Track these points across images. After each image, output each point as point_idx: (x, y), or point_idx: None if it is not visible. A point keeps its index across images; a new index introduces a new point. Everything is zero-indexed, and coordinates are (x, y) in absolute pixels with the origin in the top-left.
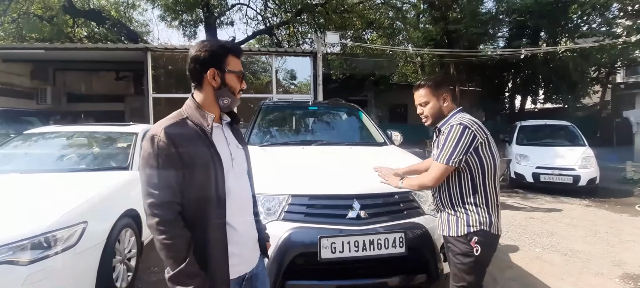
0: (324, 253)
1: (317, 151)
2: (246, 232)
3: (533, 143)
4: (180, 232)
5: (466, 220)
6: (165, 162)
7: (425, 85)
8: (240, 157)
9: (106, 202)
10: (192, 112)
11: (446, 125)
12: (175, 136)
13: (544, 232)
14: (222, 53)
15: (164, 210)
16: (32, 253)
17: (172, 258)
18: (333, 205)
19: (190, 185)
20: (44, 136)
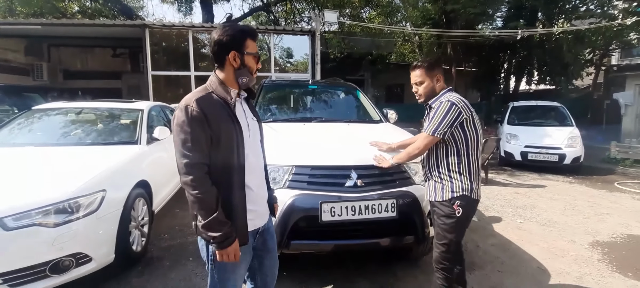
0: (325, 216)
1: (317, 127)
2: (260, 193)
3: (523, 123)
4: (210, 188)
5: (450, 187)
6: (197, 127)
7: (420, 66)
8: (255, 128)
9: (121, 173)
10: (217, 87)
11: (436, 102)
12: (205, 106)
13: (527, 205)
14: (241, 37)
15: (196, 170)
16: (58, 217)
17: (204, 209)
18: (332, 175)
19: (216, 150)
20: (53, 112)
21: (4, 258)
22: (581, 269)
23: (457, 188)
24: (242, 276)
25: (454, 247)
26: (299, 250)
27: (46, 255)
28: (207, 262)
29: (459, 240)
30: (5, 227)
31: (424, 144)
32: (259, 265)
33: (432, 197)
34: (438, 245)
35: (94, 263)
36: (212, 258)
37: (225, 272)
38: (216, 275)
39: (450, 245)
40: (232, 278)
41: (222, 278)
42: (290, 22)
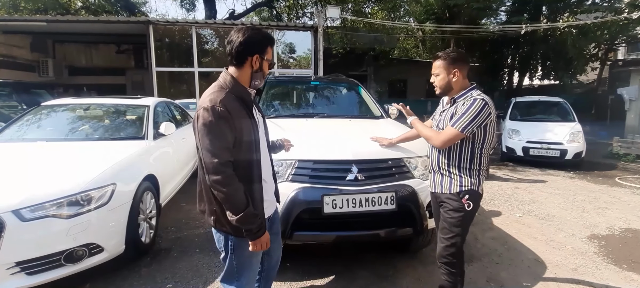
0: (326, 208)
1: (319, 122)
2: (270, 183)
3: (525, 118)
4: (238, 185)
5: (459, 181)
6: (224, 127)
7: (441, 58)
8: (262, 124)
9: (130, 167)
10: (234, 86)
11: (467, 97)
12: (229, 105)
13: (527, 200)
14: (265, 43)
15: (226, 168)
16: (71, 209)
17: (236, 206)
18: (334, 169)
19: (239, 147)
20: (62, 108)
21: (21, 247)
22: (577, 261)
23: (466, 183)
24: (257, 262)
25: (460, 242)
26: (302, 241)
27: (61, 245)
28: (227, 253)
29: (464, 236)
30: (22, 218)
31: (450, 138)
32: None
33: (438, 189)
34: (443, 239)
35: (105, 253)
36: (232, 248)
37: (244, 259)
38: (236, 263)
39: (456, 240)
40: (251, 264)
41: (242, 265)
42: (293, 17)
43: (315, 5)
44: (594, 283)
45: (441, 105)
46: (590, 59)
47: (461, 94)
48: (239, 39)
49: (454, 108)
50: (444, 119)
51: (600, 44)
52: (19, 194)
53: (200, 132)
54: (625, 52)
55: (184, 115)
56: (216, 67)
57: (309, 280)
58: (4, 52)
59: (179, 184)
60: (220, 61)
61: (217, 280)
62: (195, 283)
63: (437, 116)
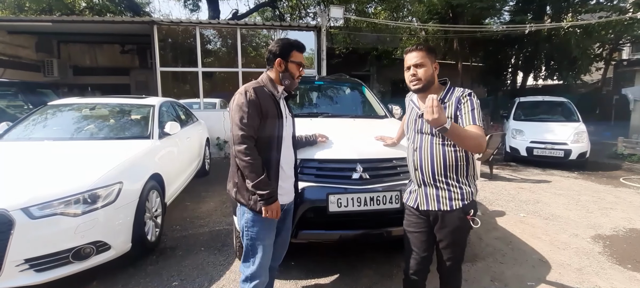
0: (332, 207)
1: (324, 122)
2: (289, 174)
3: (529, 118)
4: (257, 157)
5: (460, 193)
6: (252, 108)
7: (422, 48)
8: (291, 123)
9: (136, 166)
10: (267, 83)
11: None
12: (259, 93)
13: (530, 200)
14: (288, 49)
15: (249, 141)
16: (79, 207)
17: (255, 172)
18: (339, 168)
19: (263, 129)
20: (68, 107)
21: (30, 244)
22: (581, 261)
23: (467, 195)
24: (270, 245)
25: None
26: (307, 239)
27: (69, 243)
28: (242, 230)
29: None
30: (31, 215)
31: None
32: (276, 235)
33: (433, 206)
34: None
35: (112, 251)
36: (246, 225)
37: (257, 237)
38: (249, 242)
39: (461, 259)
40: (263, 244)
41: (254, 244)
42: (296, 17)
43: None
44: (598, 283)
45: (414, 106)
46: (595, 58)
47: (448, 92)
48: (270, 47)
49: (452, 107)
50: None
51: (604, 44)
52: (27, 192)
53: (233, 110)
54: (630, 52)
55: (188, 114)
56: (219, 67)
57: (314, 278)
58: (10, 52)
59: (184, 183)
60: (223, 61)
61: (223, 279)
62: (200, 282)
63: (414, 119)
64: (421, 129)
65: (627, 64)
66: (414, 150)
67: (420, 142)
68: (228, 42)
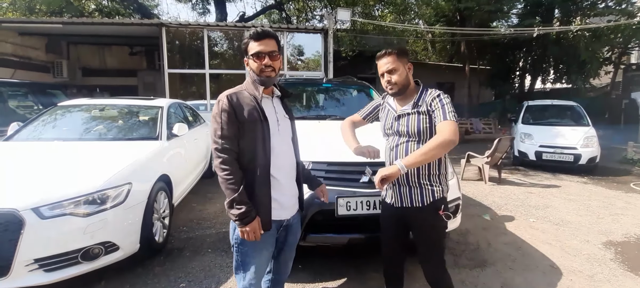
0: (340, 210)
1: (332, 125)
2: (287, 186)
3: (538, 122)
4: (235, 171)
5: (431, 191)
6: (226, 118)
7: (392, 53)
8: (286, 126)
9: (145, 167)
10: (248, 85)
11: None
12: (234, 101)
13: (540, 205)
14: (246, 42)
15: (226, 154)
16: (88, 208)
17: (230, 189)
18: (348, 171)
19: (243, 138)
20: (78, 108)
21: (39, 244)
22: (593, 268)
23: (438, 192)
24: (264, 263)
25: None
26: (315, 243)
27: (78, 243)
28: (232, 245)
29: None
30: (41, 215)
31: (456, 128)
32: (277, 255)
33: (405, 203)
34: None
35: (121, 251)
36: (236, 240)
37: (247, 255)
38: (239, 257)
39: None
40: (254, 263)
41: (244, 261)
42: (302, 20)
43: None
44: None
45: (390, 108)
46: (604, 62)
47: (422, 94)
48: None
49: (425, 108)
50: (414, 123)
51: (613, 47)
52: (38, 192)
53: (211, 122)
54: (638, 56)
55: (196, 116)
56: (226, 69)
57: (321, 282)
58: (21, 53)
59: (191, 184)
60: (230, 63)
61: (230, 281)
62: (207, 283)
63: (391, 122)
64: (398, 130)
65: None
66: (391, 149)
67: (397, 142)
68: (235, 44)
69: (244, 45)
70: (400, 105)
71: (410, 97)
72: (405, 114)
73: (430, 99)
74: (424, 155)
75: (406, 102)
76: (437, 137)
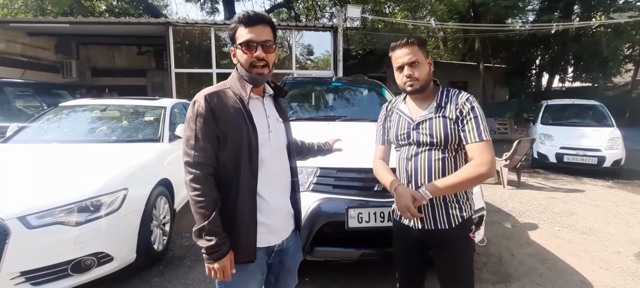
0: (351, 222)
1: (341, 126)
2: (277, 204)
3: (558, 123)
4: (209, 191)
5: (459, 209)
6: (202, 125)
7: (413, 42)
8: (279, 131)
9: (143, 171)
10: (234, 83)
11: (460, 100)
12: (214, 102)
13: (564, 211)
14: (233, 27)
15: (199, 169)
16: (80, 216)
17: (199, 213)
18: (359, 178)
19: (224, 150)
20: (79, 108)
21: (26, 256)
22: (627, 283)
23: (466, 210)
24: None
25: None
26: (323, 257)
27: (68, 254)
28: None
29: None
30: (28, 225)
31: (493, 153)
32: (275, 281)
33: (429, 225)
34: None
35: (115, 262)
36: None
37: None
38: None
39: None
40: None
41: None
42: (311, 18)
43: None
44: None
45: (403, 116)
46: (624, 60)
47: (443, 94)
48: None
49: (453, 112)
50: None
51: (634, 45)
52: (26, 200)
53: (185, 126)
54: None
55: None
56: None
57: None
58: (30, 53)
59: None
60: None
61: None
62: None
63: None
64: (418, 140)
65: None
66: (407, 159)
67: (415, 151)
68: None
69: (231, 31)
70: (417, 110)
71: (428, 98)
72: (426, 119)
73: (459, 101)
74: (452, 188)
75: (424, 104)
76: (471, 169)
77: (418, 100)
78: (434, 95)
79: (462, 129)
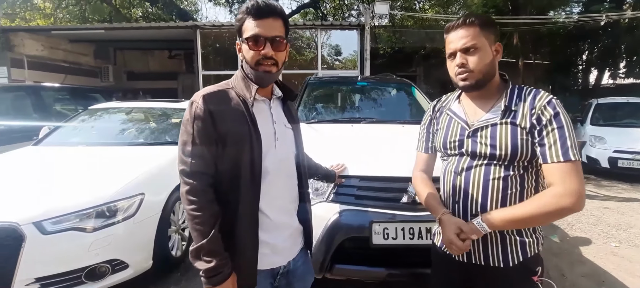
0: (376, 239)
1: (367, 129)
2: (282, 221)
3: (611, 123)
4: (207, 205)
5: (520, 243)
6: (200, 130)
7: (472, 22)
8: (287, 138)
9: (161, 175)
10: (238, 82)
11: (538, 103)
12: (213, 103)
13: (621, 224)
14: (241, 18)
15: (194, 180)
16: (95, 222)
17: (197, 231)
18: (385, 188)
19: (223, 159)
20: (106, 111)
21: (41, 262)
22: None
23: (532, 245)
24: None
25: None
26: (344, 276)
27: (82, 261)
28: None
29: None
30: (44, 230)
31: (582, 179)
32: None
33: (479, 259)
34: None
35: (130, 270)
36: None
37: None
38: None
39: None
40: None
41: None
42: (339, 18)
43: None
44: None
45: (455, 119)
46: None
47: (513, 94)
48: None
49: (526, 119)
50: (506, 137)
51: None
52: (41, 204)
53: (181, 130)
54: None
55: None
56: None
57: None
58: (71, 59)
59: None
60: None
61: None
62: None
63: (457, 138)
64: (474, 151)
65: None
66: (456, 173)
67: (469, 164)
68: None
69: (238, 22)
70: (476, 112)
71: (492, 98)
72: (488, 125)
73: (537, 104)
74: (518, 222)
75: (486, 105)
76: (550, 200)
77: (477, 100)
78: (501, 94)
79: (541, 142)
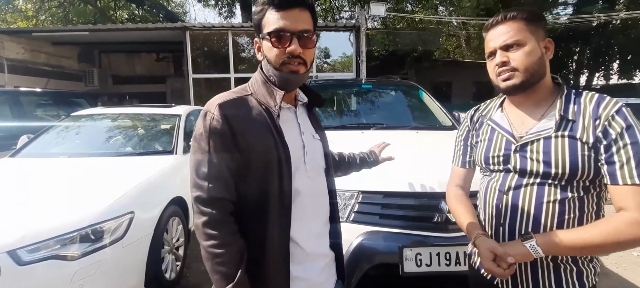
0: (407, 266)
1: (379, 136)
2: (315, 250)
3: None
4: (231, 239)
5: (577, 274)
6: (218, 146)
7: (517, 17)
8: (316, 151)
9: (152, 190)
10: (258, 88)
11: (603, 112)
12: (232, 114)
13: None
14: (260, 12)
15: (213, 208)
16: (79, 247)
17: (219, 273)
18: (415, 206)
19: (246, 181)
20: (91, 118)
21: None
22: None
23: (588, 277)
24: None
25: None
26: None
27: None
28: None
29: None
30: (19, 260)
31: None
32: None
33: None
34: None
35: None
36: None
37: None
38: None
39: None
40: None
41: None
42: (330, 20)
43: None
44: None
45: (499, 131)
46: None
47: (569, 101)
48: None
49: (587, 132)
50: (564, 152)
51: None
52: (17, 230)
53: (191, 150)
54: None
55: None
56: (252, 73)
57: None
58: (54, 62)
59: None
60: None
61: None
62: None
63: (500, 152)
64: (524, 167)
65: None
66: (502, 191)
67: (517, 183)
68: None
69: (256, 16)
70: (524, 121)
71: (544, 104)
72: (540, 138)
73: (602, 113)
74: (581, 249)
75: (536, 113)
76: (622, 227)
77: (524, 107)
78: (553, 100)
79: (609, 160)
